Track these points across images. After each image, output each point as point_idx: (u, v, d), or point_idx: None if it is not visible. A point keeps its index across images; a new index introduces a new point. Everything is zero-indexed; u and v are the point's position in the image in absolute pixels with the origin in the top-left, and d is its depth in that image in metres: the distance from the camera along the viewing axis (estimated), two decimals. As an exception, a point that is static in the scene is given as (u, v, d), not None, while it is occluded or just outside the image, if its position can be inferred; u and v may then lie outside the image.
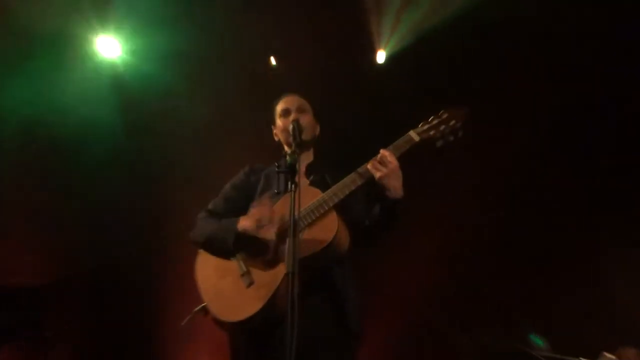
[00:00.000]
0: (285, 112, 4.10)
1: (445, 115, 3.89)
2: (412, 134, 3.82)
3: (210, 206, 4.07)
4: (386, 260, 5.83)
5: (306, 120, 4.04)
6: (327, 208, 3.63)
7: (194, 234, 3.94)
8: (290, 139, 3.75)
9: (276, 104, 4.20)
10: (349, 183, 3.70)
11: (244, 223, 3.67)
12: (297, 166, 3.19)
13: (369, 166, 3.68)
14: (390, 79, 6.10)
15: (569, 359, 5.03)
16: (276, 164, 3.69)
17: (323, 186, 3.75)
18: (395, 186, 3.62)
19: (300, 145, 3.70)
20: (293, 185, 3.16)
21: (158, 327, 6.32)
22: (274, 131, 4.20)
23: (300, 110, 4.08)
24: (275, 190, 3.72)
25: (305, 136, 3.96)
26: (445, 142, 3.85)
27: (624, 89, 5.86)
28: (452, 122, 3.83)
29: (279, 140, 4.17)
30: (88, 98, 5.75)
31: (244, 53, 5.92)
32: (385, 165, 3.64)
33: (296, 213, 3.10)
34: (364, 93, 6.12)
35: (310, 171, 4.01)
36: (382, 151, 3.71)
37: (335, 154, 5.54)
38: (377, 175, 3.64)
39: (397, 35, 5.97)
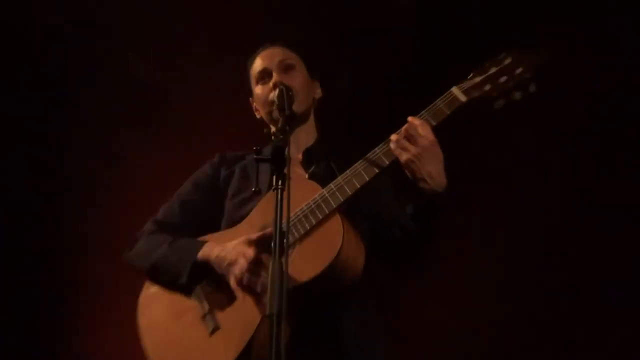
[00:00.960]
0: (263, 74, 2.95)
1: (507, 60, 2.62)
2: (456, 91, 2.60)
3: (159, 215, 2.94)
4: (416, 285, 4.23)
5: (297, 80, 2.89)
6: (328, 211, 2.52)
7: (134, 257, 2.82)
8: (276, 113, 2.70)
9: (250, 63, 3.03)
10: (361, 171, 2.57)
11: (210, 254, 2.62)
12: (286, 151, 2.10)
13: (391, 145, 2.54)
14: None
15: None
16: (255, 149, 2.38)
17: (328, 178, 2.64)
18: (432, 172, 2.49)
19: (292, 120, 2.55)
20: (279, 180, 2.04)
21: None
22: (253, 105, 3.05)
23: (285, 67, 2.93)
24: (254, 189, 2.42)
25: (298, 106, 2.79)
26: (507, 101, 2.59)
27: None
28: (519, 71, 2.58)
29: (261, 117, 3.00)
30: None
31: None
32: (415, 142, 2.50)
33: (284, 221, 2.00)
34: (394, 35, 4.45)
35: (311, 157, 2.91)
36: (410, 120, 2.55)
37: (350, 129, 4.09)
38: (404, 157, 2.51)
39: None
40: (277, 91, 2.66)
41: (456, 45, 4.17)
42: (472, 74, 2.67)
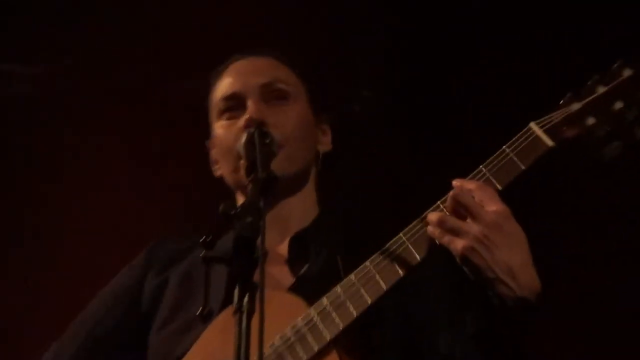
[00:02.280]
0: (233, 103, 1.97)
1: (626, 74, 1.65)
2: (536, 129, 1.66)
3: (55, 347, 2.01)
4: None
5: (288, 119, 1.94)
6: (316, 348, 1.64)
7: None
8: (242, 177, 1.71)
9: (212, 82, 2.06)
10: (375, 275, 1.67)
11: None
12: (257, 244, 1.27)
13: (430, 229, 1.63)
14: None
15: None
16: (204, 240, 1.34)
17: (330, 284, 1.73)
18: (513, 265, 1.56)
19: (268, 189, 1.46)
20: (244, 296, 1.23)
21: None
22: (211, 152, 2.08)
23: (270, 94, 1.96)
24: (200, 311, 1.37)
25: (285, 164, 1.86)
26: (624, 144, 1.64)
27: None
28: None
29: (222, 175, 2.04)
30: None
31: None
32: (474, 218, 1.58)
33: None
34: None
35: (303, 249, 1.93)
36: (458, 184, 1.65)
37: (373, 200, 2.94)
38: (458, 246, 1.58)
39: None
40: (245, 136, 1.70)
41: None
42: (565, 99, 1.69)
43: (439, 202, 1.64)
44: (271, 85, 1.94)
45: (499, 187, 1.61)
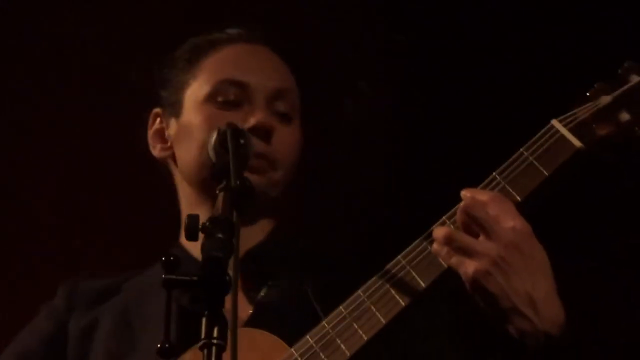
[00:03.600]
0: (234, 90, 1.69)
1: None
2: (560, 127, 1.43)
3: None
4: None
5: (292, 143, 1.73)
6: None
7: None
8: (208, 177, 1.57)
9: (205, 50, 1.76)
10: (371, 308, 1.42)
11: None
12: (229, 267, 1.06)
13: (436, 248, 1.40)
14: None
15: None
16: (165, 260, 1.09)
17: (299, 317, 1.53)
18: (534, 295, 1.32)
19: (242, 202, 1.22)
20: (213, 328, 1.03)
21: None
22: (159, 128, 1.80)
23: (277, 103, 1.71)
24: (161, 346, 1.08)
25: (273, 185, 1.68)
26: None
27: None
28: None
29: (169, 159, 1.78)
30: None
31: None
32: (489, 236, 1.33)
33: None
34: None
35: (259, 267, 1.67)
36: (469, 195, 1.39)
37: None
38: (469, 270, 1.33)
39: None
40: (215, 135, 1.41)
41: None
42: (591, 91, 1.47)
43: (444, 218, 1.42)
44: (283, 95, 1.70)
45: (518, 198, 1.38)
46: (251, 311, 1.58)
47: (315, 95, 1.85)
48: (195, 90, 1.71)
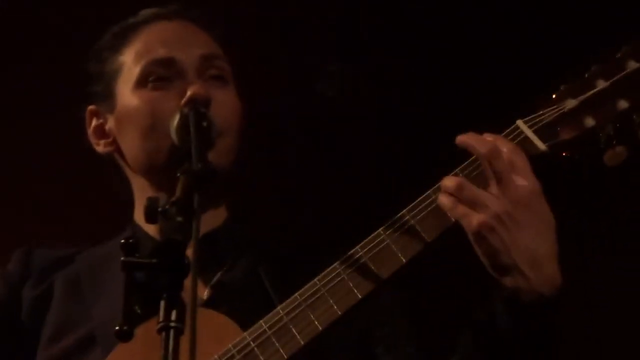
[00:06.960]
0: (162, 70, 1.67)
1: (632, 67, 1.43)
2: (525, 129, 1.46)
3: None
4: None
5: (229, 104, 1.70)
6: None
7: None
8: (162, 161, 1.61)
9: (125, 37, 1.74)
10: (324, 295, 1.45)
11: None
12: (188, 251, 1.06)
13: (442, 199, 1.44)
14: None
15: None
16: (125, 242, 1.08)
17: (252, 300, 1.60)
18: (537, 254, 1.37)
19: (203, 185, 1.23)
20: (169, 311, 1.04)
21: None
22: (98, 123, 1.77)
23: (208, 69, 1.70)
24: (121, 328, 1.08)
25: (226, 155, 1.63)
26: (630, 146, 1.42)
27: None
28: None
29: (115, 153, 1.76)
30: None
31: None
32: (503, 189, 1.38)
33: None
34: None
35: (215, 252, 1.68)
36: (491, 139, 1.44)
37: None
38: (473, 222, 1.39)
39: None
40: (178, 117, 1.51)
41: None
42: (557, 93, 1.47)
43: (456, 170, 1.43)
44: (211, 60, 1.68)
45: None
46: (207, 293, 1.59)
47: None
48: (126, 78, 1.69)
